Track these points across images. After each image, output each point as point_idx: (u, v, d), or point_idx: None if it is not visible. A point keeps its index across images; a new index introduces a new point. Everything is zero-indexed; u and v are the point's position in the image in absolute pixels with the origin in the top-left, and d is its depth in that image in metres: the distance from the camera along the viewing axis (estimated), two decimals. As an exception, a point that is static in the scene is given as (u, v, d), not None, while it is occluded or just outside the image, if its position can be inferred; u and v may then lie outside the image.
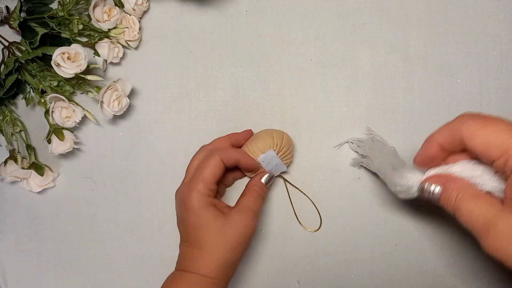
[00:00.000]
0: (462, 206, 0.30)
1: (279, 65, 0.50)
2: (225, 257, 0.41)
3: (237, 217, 0.42)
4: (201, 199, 0.42)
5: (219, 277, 0.41)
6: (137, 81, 0.52)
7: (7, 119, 0.52)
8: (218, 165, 0.43)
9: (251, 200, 0.44)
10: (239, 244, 0.42)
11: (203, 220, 0.41)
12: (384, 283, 0.49)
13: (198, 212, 0.42)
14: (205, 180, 0.42)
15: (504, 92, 0.48)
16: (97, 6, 0.48)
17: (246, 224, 0.42)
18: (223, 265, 0.41)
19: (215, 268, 0.41)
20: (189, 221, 0.42)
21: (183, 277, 0.41)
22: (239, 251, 0.42)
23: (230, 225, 0.42)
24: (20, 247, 0.54)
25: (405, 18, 0.48)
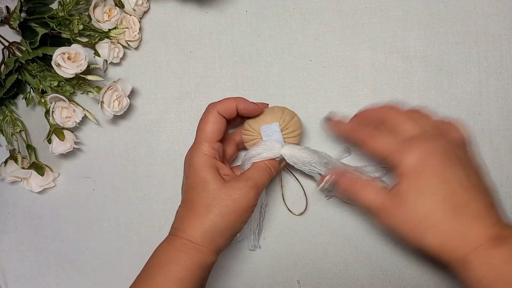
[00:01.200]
0: (358, 194, 0.39)
1: (279, 65, 0.50)
2: (213, 222, 0.39)
3: (235, 184, 0.40)
4: (203, 159, 0.41)
5: (204, 243, 0.39)
6: (137, 81, 0.52)
7: (7, 119, 0.52)
8: (216, 119, 0.42)
9: (255, 172, 0.42)
10: (231, 212, 0.39)
11: (199, 180, 0.40)
12: (384, 283, 0.49)
13: (197, 171, 0.41)
14: (207, 138, 0.41)
15: (504, 92, 0.48)
16: (97, 7, 0.48)
17: (243, 192, 0.40)
18: (209, 230, 0.39)
19: (200, 233, 0.39)
20: (187, 180, 0.41)
21: (169, 241, 0.40)
22: (230, 220, 0.40)
23: (225, 190, 0.40)
24: (20, 247, 0.54)
25: (405, 18, 0.48)
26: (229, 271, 0.51)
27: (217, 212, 0.39)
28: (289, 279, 0.50)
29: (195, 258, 0.39)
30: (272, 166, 0.43)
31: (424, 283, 0.48)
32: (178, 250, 0.39)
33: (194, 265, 0.39)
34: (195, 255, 0.39)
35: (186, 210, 0.41)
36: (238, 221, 0.40)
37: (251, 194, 0.40)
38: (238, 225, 0.41)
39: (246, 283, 0.51)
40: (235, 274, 0.51)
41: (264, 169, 0.42)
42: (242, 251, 0.51)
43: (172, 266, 0.38)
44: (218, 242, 0.40)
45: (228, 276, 0.51)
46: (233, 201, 0.39)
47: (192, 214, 0.40)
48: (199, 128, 0.43)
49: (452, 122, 0.42)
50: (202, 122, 0.43)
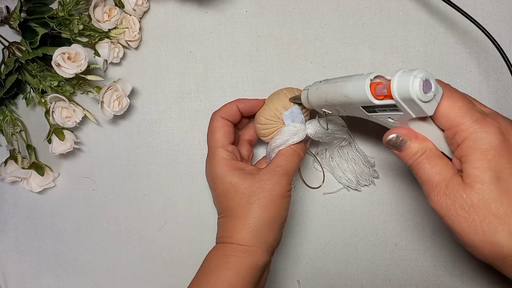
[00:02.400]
0: (426, 162, 0.32)
1: (279, 65, 0.50)
2: (257, 218, 0.38)
3: (264, 176, 0.40)
4: (223, 165, 0.41)
5: (254, 243, 0.39)
6: (137, 81, 0.52)
7: (7, 119, 0.52)
8: (222, 123, 0.42)
9: (283, 159, 0.41)
10: (270, 203, 0.39)
11: (227, 185, 0.40)
12: (384, 283, 0.49)
13: (222, 178, 0.40)
14: (219, 143, 0.41)
15: (504, 92, 0.48)
16: (97, 6, 0.48)
17: (275, 181, 0.39)
18: (256, 228, 0.38)
19: (248, 233, 0.38)
20: (217, 191, 0.41)
21: (218, 249, 0.40)
22: (272, 210, 0.39)
23: (257, 185, 0.39)
24: (20, 247, 0.54)
25: (405, 18, 0.48)
26: (229, 271, 0.51)
27: (257, 208, 0.39)
28: (289, 279, 0.50)
29: (246, 261, 0.38)
30: (299, 149, 0.42)
31: (424, 283, 0.48)
32: (228, 254, 0.39)
33: (245, 268, 0.38)
34: (245, 258, 0.38)
35: (227, 218, 0.41)
36: (281, 210, 0.40)
37: (283, 181, 0.40)
38: (282, 213, 0.40)
39: (246, 283, 0.51)
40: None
41: (291, 154, 0.42)
42: (242, 251, 0.51)
43: (222, 271, 0.38)
44: (269, 237, 0.39)
45: (228, 276, 0.51)
46: (269, 192, 0.39)
47: (234, 219, 0.40)
48: (209, 138, 0.43)
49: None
50: (209, 131, 0.43)
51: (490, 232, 0.29)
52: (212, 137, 0.42)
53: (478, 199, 0.29)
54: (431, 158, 0.32)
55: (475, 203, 0.29)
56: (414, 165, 0.33)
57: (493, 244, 0.29)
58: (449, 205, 0.30)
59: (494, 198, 0.29)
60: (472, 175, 0.29)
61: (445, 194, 0.30)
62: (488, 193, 0.29)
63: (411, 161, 0.33)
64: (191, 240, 0.52)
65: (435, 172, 0.32)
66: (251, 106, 0.44)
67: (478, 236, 0.29)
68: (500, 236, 0.29)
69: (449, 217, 0.30)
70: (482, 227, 0.29)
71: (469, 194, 0.29)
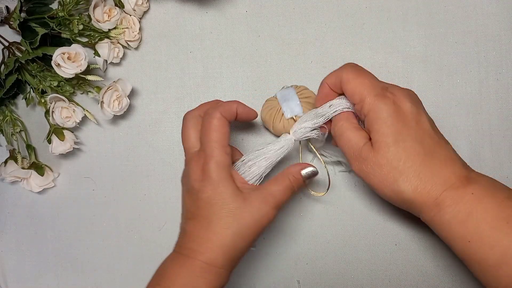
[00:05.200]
0: (344, 134, 0.39)
1: (279, 65, 0.50)
2: (235, 243, 0.37)
3: (257, 203, 0.37)
4: (220, 169, 0.37)
5: (225, 266, 0.37)
6: (137, 81, 0.52)
7: (7, 119, 0.52)
8: (222, 122, 0.38)
9: (278, 189, 0.39)
10: (252, 232, 0.37)
11: (219, 197, 0.37)
12: (384, 283, 0.49)
13: (217, 185, 0.37)
14: (219, 144, 0.38)
15: (504, 92, 0.48)
16: (97, 7, 0.48)
17: (264, 213, 0.38)
18: (230, 252, 0.37)
19: (222, 254, 0.36)
20: (203, 194, 0.37)
21: (183, 263, 0.37)
22: (249, 240, 0.38)
23: (247, 209, 0.37)
24: (20, 247, 0.54)
25: (405, 18, 0.48)
26: (229, 271, 0.51)
27: (238, 233, 0.37)
28: (289, 279, 0.50)
29: (214, 283, 0.37)
30: (297, 185, 0.40)
31: (424, 283, 0.48)
32: (196, 276, 0.36)
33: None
34: (214, 281, 0.37)
35: (201, 228, 0.37)
36: (255, 240, 0.39)
37: (271, 214, 0.38)
38: (255, 239, 0.39)
39: (246, 283, 0.51)
40: (235, 274, 0.51)
41: (289, 187, 0.39)
42: (242, 251, 0.51)
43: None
44: (235, 263, 0.38)
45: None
46: (255, 222, 0.37)
47: (210, 234, 0.37)
48: (205, 135, 0.39)
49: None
50: (207, 128, 0.39)
51: (393, 182, 0.36)
52: (209, 135, 0.38)
53: (384, 160, 0.36)
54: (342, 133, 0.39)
55: (382, 163, 0.36)
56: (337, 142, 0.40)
57: (398, 192, 0.36)
58: (364, 168, 0.37)
59: (395, 156, 0.36)
60: (377, 141, 0.36)
61: (361, 160, 0.37)
62: (390, 154, 0.36)
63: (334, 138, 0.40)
64: (191, 240, 0.52)
65: (351, 145, 0.38)
66: (247, 113, 0.41)
67: (387, 187, 0.36)
68: (400, 184, 0.35)
69: (366, 177, 0.37)
70: (388, 180, 0.36)
71: (377, 157, 0.36)
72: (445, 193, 0.34)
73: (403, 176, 0.35)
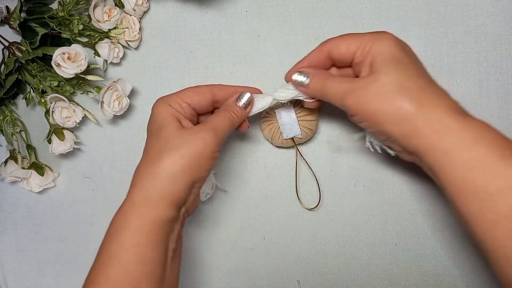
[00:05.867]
0: (329, 83, 0.38)
1: (279, 65, 0.50)
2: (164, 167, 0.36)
3: (191, 128, 0.38)
4: (164, 108, 0.39)
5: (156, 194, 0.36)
6: (137, 81, 0.52)
7: (7, 119, 0.52)
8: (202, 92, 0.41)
9: (217, 118, 0.39)
10: (184, 155, 0.36)
11: (156, 126, 0.38)
12: (384, 283, 0.49)
13: (156, 117, 0.38)
14: (178, 95, 0.40)
15: (504, 92, 0.48)
16: (97, 7, 0.48)
17: (200, 135, 0.37)
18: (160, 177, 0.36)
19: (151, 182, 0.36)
20: (147, 129, 0.40)
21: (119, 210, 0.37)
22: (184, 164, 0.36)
23: (180, 132, 0.37)
24: (20, 247, 0.54)
25: (405, 18, 0.48)
26: (229, 271, 0.51)
27: (167, 156, 0.36)
28: (289, 279, 0.50)
29: (147, 216, 0.35)
30: (236, 114, 0.40)
31: (424, 283, 0.48)
32: (127, 213, 0.36)
33: (147, 225, 0.35)
34: (146, 213, 0.35)
35: (141, 159, 0.38)
36: (195, 167, 0.37)
37: (208, 137, 0.37)
38: (195, 172, 0.37)
39: (246, 283, 0.51)
40: (235, 274, 0.51)
41: (227, 117, 0.40)
42: (242, 251, 0.51)
43: (124, 232, 0.35)
44: (172, 189, 0.36)
45: (228, 276, 0.51)
46: (187, 143, 0.37)
47: (144, 165, 0.37)
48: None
49: None
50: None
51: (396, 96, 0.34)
52: (183, 90, 0.41)
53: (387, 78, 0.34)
54: (330, 78, 0.38)
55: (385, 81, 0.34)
56: (322, 92, 0.38)
57: (401, 107, 0.33)
58: (362, 94, 0.35)
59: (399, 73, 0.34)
60: (379, 66, 0.35)
61: (356, 90, 0.35)
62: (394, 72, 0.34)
63: (317, 92, 0.39)
64: (190, 239, 0.52)
65: (339, 85, 0.37)
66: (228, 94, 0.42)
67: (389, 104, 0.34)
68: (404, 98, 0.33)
69: (364, 102, 0.35)
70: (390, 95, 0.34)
71: (379, 78, 0.34)
72: (452, 116, 0.32)
73: (407, 91, 0.33)
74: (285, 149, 0.50)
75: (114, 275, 0.34)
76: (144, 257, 0.34)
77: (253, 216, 0.51)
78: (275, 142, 0.48)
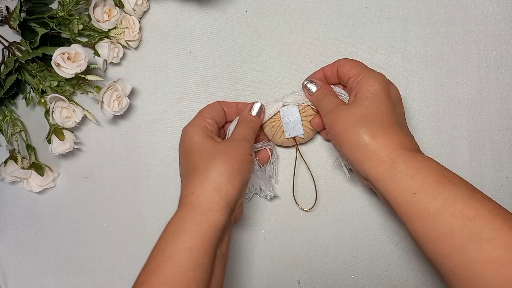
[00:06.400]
0: (325, 98, 0.43)
1: (279, 65, 0.50)
2: (217, 171, 0.39)
3: (226, 141, 0.43)
4: (197, 129, 0.43)
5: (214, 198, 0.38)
6: (137, 81, 0.52)
7: (7, 119, 0.52)
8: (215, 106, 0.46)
9: (242, 129, 0.44)
10: (231, 157, 0.40)
11: (194, 145, 0.42)
12: (384, 283, 0.49)
13: (191, 137, 0.42)
14: (204, 115, 0.44)
15: (504, 92, 0.48)
16: (97, 6, 0.48)
17: (235, 144, 0.42)
18: (216, 180, 0.39)
19: (208, 185, 0.39)
20: (183, 148, 0.43)
21: (176, 213, 0.39)
22: (233, 164, 0.40)
23: (220, 146, 0.41)
24: (20, 247, 0.54)
25: (405, 18, 0.48)
26: (229, 271, 0.51)
27: (219, 161, 0.40)
28: (289, 279, 0.50)
29: (204, 222, 0.37)
30: (254, 123, 0.46)
31: (424, 283, 0.48)
32: (185, 218, 0.38)
33: (203, 230, 0.37)
34: (203, 219, 0.37)
35: (189, 176, 0.41)
36: (242, 166, 0.41)
37: (243, 144, 0.42)
38: (243, 171, 0.41)
39: (246, 283, 0.51)
40: (235, 274, 0.51)
41: (248, 127, 0.45)
42: (242, 251, 0.51)
43: (180, 236, 0.37)
44: (229, 193, 0.39)
45: (228, 276, 0.51)
46: (231, 149, 0.41)
47: (196, 175, 0.40)
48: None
49: None
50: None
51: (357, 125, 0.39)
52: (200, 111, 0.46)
53: (358, 109, 0.40)
54: (329, 95, 0.44)
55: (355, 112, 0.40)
56: (318, 103, 0.44)
57: (358, 134, 0.39)
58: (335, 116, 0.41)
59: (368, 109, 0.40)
60: (359, 97, 0.41)
61: (335, 111, 0.41)
62: (365, 106, 0.40)
63: (316, 101, 0.45)
64: (191, 240, 0.52)
65: (330, 103, 0.43)
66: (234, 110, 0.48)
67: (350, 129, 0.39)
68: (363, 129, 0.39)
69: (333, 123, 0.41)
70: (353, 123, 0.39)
71: (352, 107, 0.40)
72: (400, 150, 0.38)
73: (368, 124, 0.39)
74: (286, 149, 0.50)
75: (166, 277, 0.36)
76: (195, 262, 0.36)
77: (253, 216, 0.51)
78: (275, 141, 0.48)
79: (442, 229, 0.33)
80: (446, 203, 0.34)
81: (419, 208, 0.35)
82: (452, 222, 0.33)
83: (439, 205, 0.34)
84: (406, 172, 0.36)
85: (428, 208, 0.34)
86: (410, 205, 0.35)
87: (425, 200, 0.35)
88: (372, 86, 0.41)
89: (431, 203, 0.34)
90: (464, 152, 0.48)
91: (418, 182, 0.35)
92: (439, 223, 0.34)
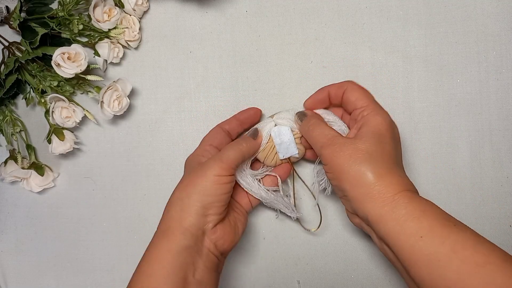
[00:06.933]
0: (317, 128, 0.42)
1: (279, 65, 0.50)
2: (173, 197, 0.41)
3: (198, 165, 0.42)
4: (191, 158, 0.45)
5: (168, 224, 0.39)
6: (137, 81, 0.52)
7: (7, 119, 0.52)
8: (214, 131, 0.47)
9: (225, 148, 0.43)
10: (188, 183, 0.40)
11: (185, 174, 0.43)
12: (384, 283, 0.49)
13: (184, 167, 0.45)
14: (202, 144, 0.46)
15: (504, 92, 0.48)
16: (97, 6, 0.48)
17: (205, 163, 0.41)
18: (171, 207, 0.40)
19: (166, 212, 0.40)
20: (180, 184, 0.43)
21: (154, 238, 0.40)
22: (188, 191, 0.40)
23: (189, 172, 0.42)
24: (20, 247, 0.54)
25: (405, 18, 0.48)
26: (229, 271, 0.51)
27: (179, 185, 0.41)
28: (289, 279, 0.50)
29: (162, 246, 0.39)
30: (244, 140, 0.44)
31: (424, 283, 0.48)
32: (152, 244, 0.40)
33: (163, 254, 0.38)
34: (161, 242, 0.39)
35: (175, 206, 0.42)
36: (202, 191, 0.39)
37: (211, 162, 0.40)
38: (203, 196, 0.39)
39: (246, 283, 0.51)
40: (235, 274, 0.51)
41: (234, 144, 0.43)
42: (242, 251, 0.51)
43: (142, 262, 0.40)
44: (181, 215, 0.39)
45: (228, 276, 0.51)
46: (194, 171, 0.41)
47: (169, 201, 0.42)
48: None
49: None
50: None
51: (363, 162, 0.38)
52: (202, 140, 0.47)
53: (363, 145, 0.38)
54: (318, 125, 0.43)
55: (361, 147, 0.38)
56: (307, 135, 0.43)
57: (363, 172, 0.37)
58: (337, 149, 0.39)
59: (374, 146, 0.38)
60: (365, 132, 0.40)
61: (334, 144, 0.40)
62: (371, 143, 0.39)
63: (304, 133, 0.44)
64: (191, 240, 0.52)
65: (325, 133, 0.41)
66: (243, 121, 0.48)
67: (354, 165, 0.38)
68: (369, 166, 0.37)
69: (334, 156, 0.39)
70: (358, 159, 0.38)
71: (357, 142, 0.39)
72: (404, 192, 0.36)
73: (375, 162, 0.38)
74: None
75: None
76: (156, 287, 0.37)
77: (253, 216, 0.51)
78: (268, 163, 0.47)
79: (453, 276, 0.32)
80: (455, 248, 0.32)
81: (427, 253, 0.33)
82: (462, 269, 0.32)
83: (448, 250, 0.32)
84: (412, 215, 0.35)
85: (437, 253, 0.33)
86: (417, 249, 0.34)
87: (433, 244, 0.33)
88: (379, 125, 0.40)
89: (440, 248, 0.33)
90: (464, 152, 0.48)
91: (425, 226, 0.34)
92: (449, 270, 0.32)
